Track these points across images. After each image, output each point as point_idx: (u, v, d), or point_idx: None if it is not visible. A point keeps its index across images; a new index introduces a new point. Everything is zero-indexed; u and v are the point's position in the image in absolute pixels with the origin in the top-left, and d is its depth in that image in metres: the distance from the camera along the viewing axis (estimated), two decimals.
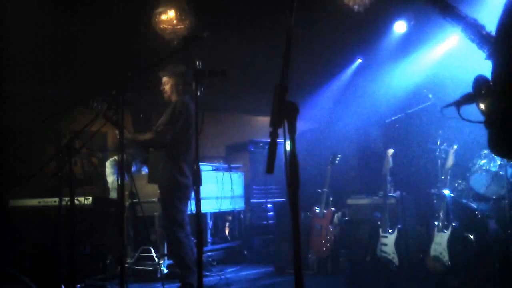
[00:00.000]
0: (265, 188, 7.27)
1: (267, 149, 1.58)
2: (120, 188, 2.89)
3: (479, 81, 2.09)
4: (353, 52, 7.35)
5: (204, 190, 4.92)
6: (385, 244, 4.70)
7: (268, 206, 7.22)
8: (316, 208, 5.54)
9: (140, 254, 5.06)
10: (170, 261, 4.99)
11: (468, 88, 2.13)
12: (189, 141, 4.22)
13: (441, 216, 4.37)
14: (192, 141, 4.24)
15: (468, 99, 2.32)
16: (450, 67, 5.66)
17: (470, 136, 4.93)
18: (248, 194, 6.99)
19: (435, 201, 4.78)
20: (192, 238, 4.27)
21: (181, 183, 4.16)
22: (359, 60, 7.62)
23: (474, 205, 4.59)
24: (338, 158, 5.71)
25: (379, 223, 4.85)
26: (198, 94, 3.19)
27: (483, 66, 2.10)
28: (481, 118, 2.06)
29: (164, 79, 4.45)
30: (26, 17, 5.55)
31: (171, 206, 4.17)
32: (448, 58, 6.01)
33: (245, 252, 6.56)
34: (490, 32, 2.16)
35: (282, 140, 1.57)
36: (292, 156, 1.55)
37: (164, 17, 5.83)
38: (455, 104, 2.39)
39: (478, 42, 2.19)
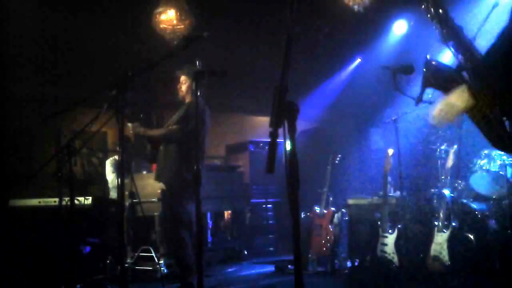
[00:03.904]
0: (265, 188, 7.27)
1: (267, 149, 1.57)
2: (120, 188, 2.88)
3: (441, 68, 2.16)
4: (352, 51, 7.35)
5: (204, 190, 4.92)
6: (385, 244, 4.70)
7: (268, 206, 7.23)
8: (316, 208, 5.54)
9: (140, 254, 5.06)
10: (170, 261, 4.99)
11: None
12: (202, 141, 4.24)
13: (441, 216, 4.37)
14: (204, 141, 4.30)
15: (407, 70, 2.51)
16: None
17: (470, 136, 4.93)
18: (248, 194, 6.99)
19: (435, 201, 4.78)
20: None
21: (190, 182, 4.17)
22: (359, 60, 7.62)
23: (474, 205, 4.58)
24: (338, 158, 5.71)
25: (379, 223, 4.85)
26: (199, 94, 3.19)
27: None
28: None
29: (182, 78, 4.44)
30: (26, 17, 5.55)
31: (178, 205, 4.18)
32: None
33: (245, 252, 6.56)
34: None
35: (282, 140, 1.57)
36: (292, 156, 1.55)
37: (164, 17, 5.83)
38: (391, 69, 2.57)
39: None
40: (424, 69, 2.30)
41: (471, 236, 4.31)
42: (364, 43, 6.91)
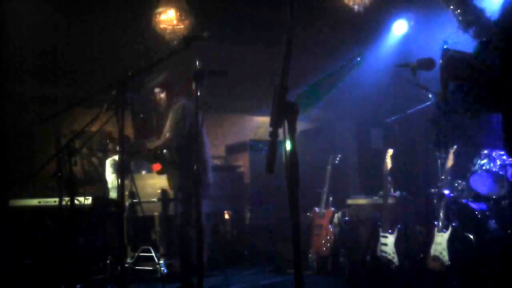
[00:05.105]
0: (265, 188, 7.26)
1: (267, 149, 1.58)
2: (120, 188, 2.88)
3: (457, 59, 1.98)
4: (352, 51, 7.34)
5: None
6: (385, 244, 4.70)
7: (268, 206, 7.22)
8: (316, 208, 5.54)
9: (140, 254, 5.06)
10: (170, 261, 4.99)
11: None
12: (200, 141, 4.27)
13: (441, 216, 4.37)
14: (204, 141, 4.34)
15: (428, 66, 2.26)
16: None
17: (470, 136, 4.92)
18: (248, 194, 6.98)
19: (435, 201, 4.78)
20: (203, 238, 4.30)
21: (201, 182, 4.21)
22: (358, 59, 7.60)
23: (474, 205, 4.58)
24: (338, 158, 5.71)
25: (379, 223, 4.85)
26: (199, 94, 3.20)
27: None
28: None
29: (156, 90, 4.53)
30: (26, 17, 5.55)
31: (186, 205, 4.23)
32: None
33: (245, 252, 6.56)
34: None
35: (282, 140, 1.57)
36: (292, 156, 1.55)
37: (164, 17, 5.83)
38: (411, 66, 2.33)
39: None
40: (442, 61, 2.04)
41: (471, 236, 4.31)
42: (364, 43, 6.90)
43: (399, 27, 6.59)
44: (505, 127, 1.93)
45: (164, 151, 4.47)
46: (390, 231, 4.71)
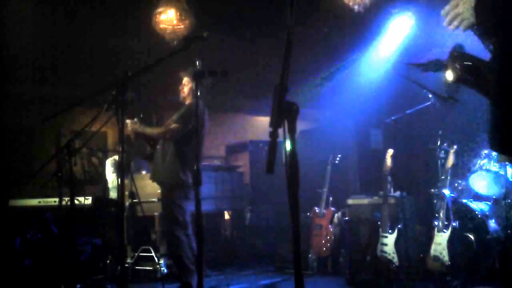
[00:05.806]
0: (265, 188, 7.27)
1: (267, 149, 1.57)
2: (120, 188, 2.88)
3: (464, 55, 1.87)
4: (352, 50, 7.33)
5: (204, 190, 4.94)
6: (385, 244, 4.69)
7: (268, 206, 7.22)
8: (316, 208, 5.54)
9: (140, 254, 5.06)
10: (170, 261, 4.99)
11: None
12: (200, 142, 4.25)
13: (441, 216, 4.37)
14: (202, 143, 4.32)
15: (437, 67, 2.14)
16: None
17: (470, 136, 4.93)
18: (248, 194, 6.98)
19: (435, 201, 4.78)
20: (193, 238, 4.28)
21: (186, 182, 4.18)
22: (357, 58, 7.58)
23: (474, 205, 4.58)
24: (338, 158, 5.71)
25: (379, 223, 4.85)
26: (199, 93, 3.20)
27: None
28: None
29: (185, 80, 4.47)
30: (26, 17, 5.55)
31: (174, 205, 4.19)
32: None
33: (245, 252, 6.56)
34: None
35: (282, 140, 1.57)
36: (292, 156, 1.55)
37: (164, 17, 5.83)
38: (422, 66, 2.21)
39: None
40: (451, 63, 1.91)
41: (471, 236, 4.31)
42: (365, 42, 6.90)
43: (400, 26, 6.58)
44: (493, 117, 1.80)
45: (158, 146, 4.44)
46: (390, 231, 4.71)
